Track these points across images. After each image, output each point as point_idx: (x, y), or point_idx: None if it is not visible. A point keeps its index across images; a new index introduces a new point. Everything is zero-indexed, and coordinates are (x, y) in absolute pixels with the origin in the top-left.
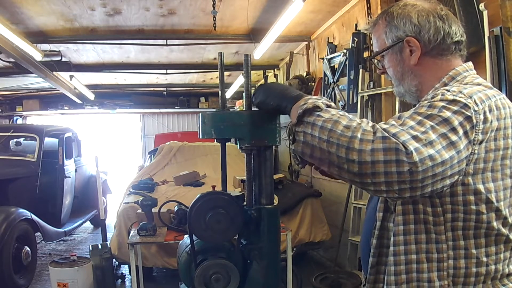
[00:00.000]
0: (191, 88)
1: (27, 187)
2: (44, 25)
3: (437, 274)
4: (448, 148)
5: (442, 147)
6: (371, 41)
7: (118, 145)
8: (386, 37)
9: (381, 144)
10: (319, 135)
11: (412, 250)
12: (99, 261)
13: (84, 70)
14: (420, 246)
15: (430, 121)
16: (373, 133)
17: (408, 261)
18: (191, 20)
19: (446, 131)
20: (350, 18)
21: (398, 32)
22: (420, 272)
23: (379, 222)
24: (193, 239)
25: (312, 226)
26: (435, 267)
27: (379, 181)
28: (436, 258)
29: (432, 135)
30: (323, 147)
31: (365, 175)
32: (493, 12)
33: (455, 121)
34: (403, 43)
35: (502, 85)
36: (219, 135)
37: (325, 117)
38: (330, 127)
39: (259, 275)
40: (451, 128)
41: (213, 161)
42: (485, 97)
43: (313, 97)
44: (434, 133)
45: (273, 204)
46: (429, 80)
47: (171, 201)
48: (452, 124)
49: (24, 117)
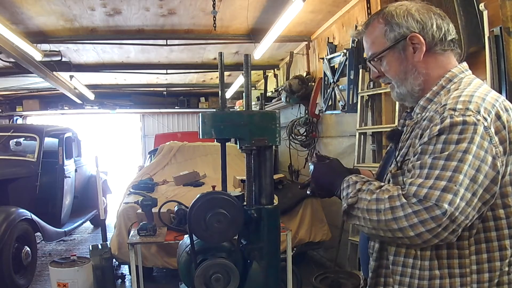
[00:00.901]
0: (191, 88)
1: (27, 187)
2: (44, 25)
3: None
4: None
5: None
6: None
7: (118, 145)
8: (385, 37)
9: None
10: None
11: (435, 266)
12: (99, 261)
13: (84, 70)
14: (442, 261)
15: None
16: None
17: (432, 276)
18: (191, 20)
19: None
20: (350, 18)
21: (401, 30)
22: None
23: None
24: (193, 239)
25: (312, 226)
26: (458, 283)
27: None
28: (459, 274)
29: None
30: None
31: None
32: (493, 12)
33: (476, 140)
34: (405, 41)
35: (502, 85)
36: (219, 135)
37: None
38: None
39: (259, 275)
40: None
41: (213, 161)
42: (490, 106)
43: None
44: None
45: (273, 204)
46: (432, 77)
47: (171, 201)
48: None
49: (24, 117)
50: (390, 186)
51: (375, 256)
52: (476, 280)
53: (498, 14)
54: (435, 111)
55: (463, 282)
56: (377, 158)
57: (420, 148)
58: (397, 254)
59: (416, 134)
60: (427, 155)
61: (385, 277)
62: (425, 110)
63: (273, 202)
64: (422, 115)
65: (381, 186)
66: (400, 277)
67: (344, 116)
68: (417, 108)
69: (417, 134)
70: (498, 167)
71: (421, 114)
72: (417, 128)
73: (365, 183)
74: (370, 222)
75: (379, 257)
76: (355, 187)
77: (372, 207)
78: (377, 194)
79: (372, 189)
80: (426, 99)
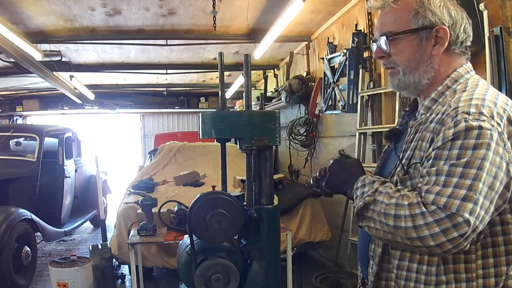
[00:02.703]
0: (191, 88)
1: (27, 187)
2: (44, 25)
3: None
4: (495, 181)
5: (491, 183)
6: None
7: (118, 145)
8: (414, 18)
9: (437, 228)
10: (381, 228)
11: (441, 271)
12: (99, 261)
13: (84, 70)
14: (448, 266)
15: (471, 168)
16: (421, 214)
17: (438, 282)
18: (191, 20)
19: (490, 163)
20: (350, 18)
21: (433, 17)
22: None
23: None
24: (193, 239)
25: (312, 226)
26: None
27: (453, 251)
28: (465, 278)
29: (480, 185)
30: (389, 238)
31: (435, 253)
32: (493, 12)
33: (492, 146)
34: (431, 31)
35: (502, 85)
36: (219, 135)
37: (377, 210)
38: (385, 221)
39: (259, 275)
40: (493, 160)
41: (213, 161)
42: (502, 110)
43: (359, 181)
44: (480, 181)
45: (273, 204)
46: (440, 74)
47: (171, 201)
48: (488, 154)
49: (24, 117)
50: (408, 191)
51: (377, 260)
52: (482, 284)
53: (498, 14)
54: (445, 113)
55: (469, 287)
56: (377, 158)
57: (434, 153)
58: (402, 258)
59: (423, 136)
60: (442, 161)
61: (387, 280)
62: (429, 111)
63: (273, 202)
64: (427, 116)
65: (399, 190)
66: (404, 281)
67: (344, 116)
68: (422, 109)
69: (425, 136)
70: (511, 173)
71: (425, 114)
72: (423, 130)
73: (382, 184)
74: (387, 227)
75: (381, 261)
76: (372, 187)
77: (390, 212)
78: (396, 199)
79: (390, 192)
80: (431, 99)
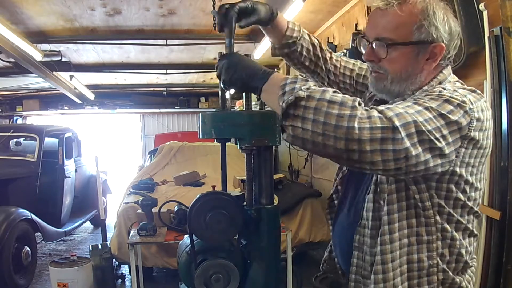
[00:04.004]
0: (191, 88)
1: (27, 187)
2: (44, 25)
3: (427, 255)
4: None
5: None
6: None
7: (118, 145)
8: (417, 30)
9: (379, 134)
10: (312, 129)
11: (404, 235)
12: (99, 261)
13: (84, 70)
14: (412, 230)
15: (430, 112)
16: (368, 118)
17: (401, 245)
18: (191, 20)
19: (445, 123)
20: (350, 18)
21: (435, 33)
22: (410, 254)
23: (371, 221)
24: (193, 239)
25: (312, 226)
26: (425, 249)
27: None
28: (426, 240)
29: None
30: (318, 140)
31: (364, 163)
32: (493, 12)
33: (455, 116)
34: (429, 46)
35: (502, 85)
36: (219, 135)
37: (312, 106)
38: (323, 120)
39: (259, 275)
40: (450, 121)
41: (213, 161)
42: (474, 99)
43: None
44: (430, 124)
45: (273, 204)
46: (424, 84)
47: (171, 201)
48: (451, 117)
49: (24, 117)
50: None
51: (369, 251)
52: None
53: (498, 14)
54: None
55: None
56: None
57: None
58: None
59: None
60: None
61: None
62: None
63: (273, 202)
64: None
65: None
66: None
67: None
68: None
69: None
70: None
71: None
72: None
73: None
74: (322, 126)
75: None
76: (306, 83)
77: (333, 111)
78: (341, 98)
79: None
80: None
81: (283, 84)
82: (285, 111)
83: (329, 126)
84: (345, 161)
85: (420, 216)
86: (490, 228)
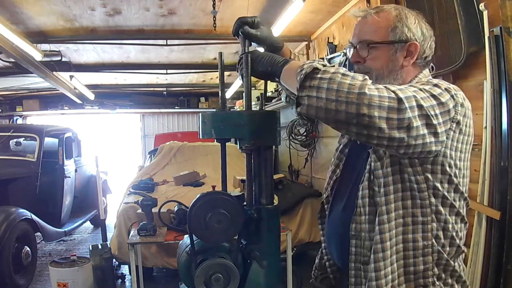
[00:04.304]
0: (191, 88)
1: (27, 187)
2: (44, 25)
3: (422, 235)
4: (436, 117)
5: (435, 114)
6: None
7: (118, 145)
8: (392, 31)
9: (386, 102)
10: (326, 96)
11: (399, 215)
12: (99, 261)
13: (84, 70)
14: (407, 211)
15: (423, 93)
16: (376, 88)
17: (397, 225)
18: (191, 20)
19: (436, 103)
20: (350, 18)
21: (408, 33)
22: (405, 233)
23: (368, 207)
24: (193, 239)
25: (312, 226)
26: (420, 229)
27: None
28: (421, 221)
29: (427, 102)
30: (331, 107)
31: (372, 128)
32: (493, 12)
33: (444, 98)
34: (404, 44)
35: (502, 85)
36: (219, 135)
37: (327, 77)
38: (336, 87)
39: (259, 275)
40: (440, 102)
41: (213, 161)
42: (457, 88)
43: (306, 61)
44: (426, 102)
45: (273, 204)
46: (406, 82)
47: (171, 201)
48: (441, 98)
49: (24, 117)
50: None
51: (368, 236)
52: (435, 228)
53: (498, 14)
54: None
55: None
56: None
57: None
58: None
59: None
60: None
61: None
62: None
63: (273, 202)
64: None
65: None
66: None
67: None
68: None
69: None
70: (448, 126)
71: None
72: None
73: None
74: (335, 93)
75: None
76: (322, 61)
77: (345, 80)
78: (353, 73)
79: (342, 69)
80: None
81: (302, 64)
82: (302, 82)
83: (342, 93)
84: (355, 126)
85: (416, 198)
86: (490, 228)
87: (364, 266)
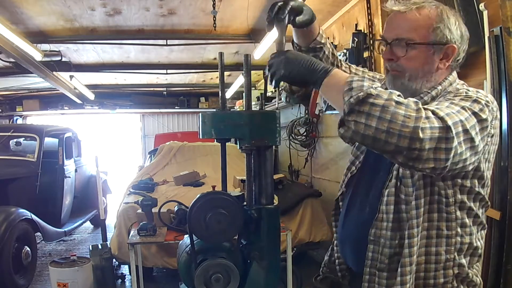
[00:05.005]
0: (191, 88)
1: (27, 187)
2: (44, 25)
3: (445, 249)
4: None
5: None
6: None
7: (118, 145)
8: (433, 32)
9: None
10: (376, 126)
11: (424, 228)
12: (99, 261)
13: (84, 70)
14: (432, 224)
15: (466, 112)
16: (427, 118)
17: (421, 237)
18: (191, 20)
19: (477, 121)
20: (350, 18)
21: (449, 35)
22: (428, 246)
23: (392, 215)
24: (193, 239)
25: (312, 226)
26: (444, 243)
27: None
28: (446, 235)
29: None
30: (381, 137)
31: (419, 161)
32: (493, 12)
33: (484, 114)
34: (443, 46)
35: (502, 85)
36: (219, 135)
37: (380, 104)
38: (390, 118)
39: (259, 275)
40: (481, 119)
41: (213, 161)
42: (492, 99)
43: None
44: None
45: (273, 204)
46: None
47: (171, 201)
48: (482, 115)
49: (24, 117)
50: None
51: (389, 244)
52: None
53: (498, 14)
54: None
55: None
56: None
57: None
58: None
59: None
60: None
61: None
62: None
63: (273, 202)
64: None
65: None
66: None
67: None
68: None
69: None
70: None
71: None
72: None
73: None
74: (387, 124)
75: (395, 244)
76: (374, 83)
77: (399, 111)
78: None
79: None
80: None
81: (350, 80)
82: (351, 106)
83: (395, 125)
84: (402, 157)
85: (442, 212)
86: (490, 228)
87: (379, 273)
